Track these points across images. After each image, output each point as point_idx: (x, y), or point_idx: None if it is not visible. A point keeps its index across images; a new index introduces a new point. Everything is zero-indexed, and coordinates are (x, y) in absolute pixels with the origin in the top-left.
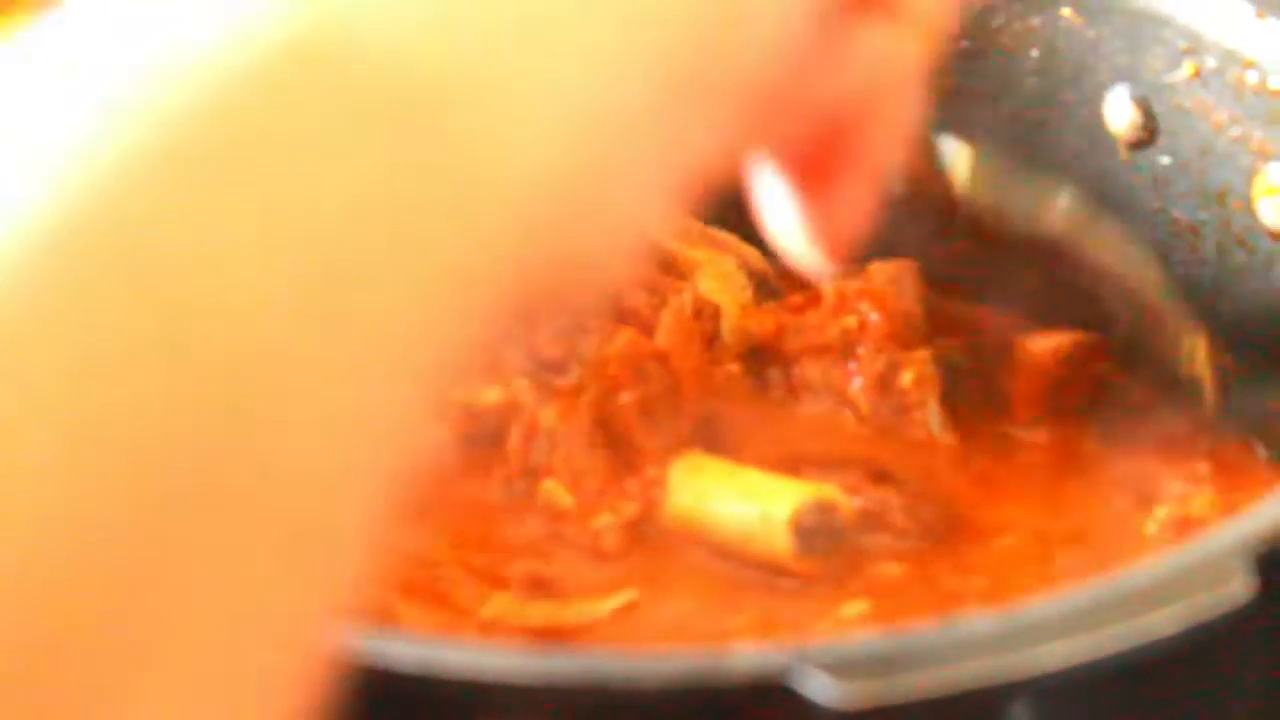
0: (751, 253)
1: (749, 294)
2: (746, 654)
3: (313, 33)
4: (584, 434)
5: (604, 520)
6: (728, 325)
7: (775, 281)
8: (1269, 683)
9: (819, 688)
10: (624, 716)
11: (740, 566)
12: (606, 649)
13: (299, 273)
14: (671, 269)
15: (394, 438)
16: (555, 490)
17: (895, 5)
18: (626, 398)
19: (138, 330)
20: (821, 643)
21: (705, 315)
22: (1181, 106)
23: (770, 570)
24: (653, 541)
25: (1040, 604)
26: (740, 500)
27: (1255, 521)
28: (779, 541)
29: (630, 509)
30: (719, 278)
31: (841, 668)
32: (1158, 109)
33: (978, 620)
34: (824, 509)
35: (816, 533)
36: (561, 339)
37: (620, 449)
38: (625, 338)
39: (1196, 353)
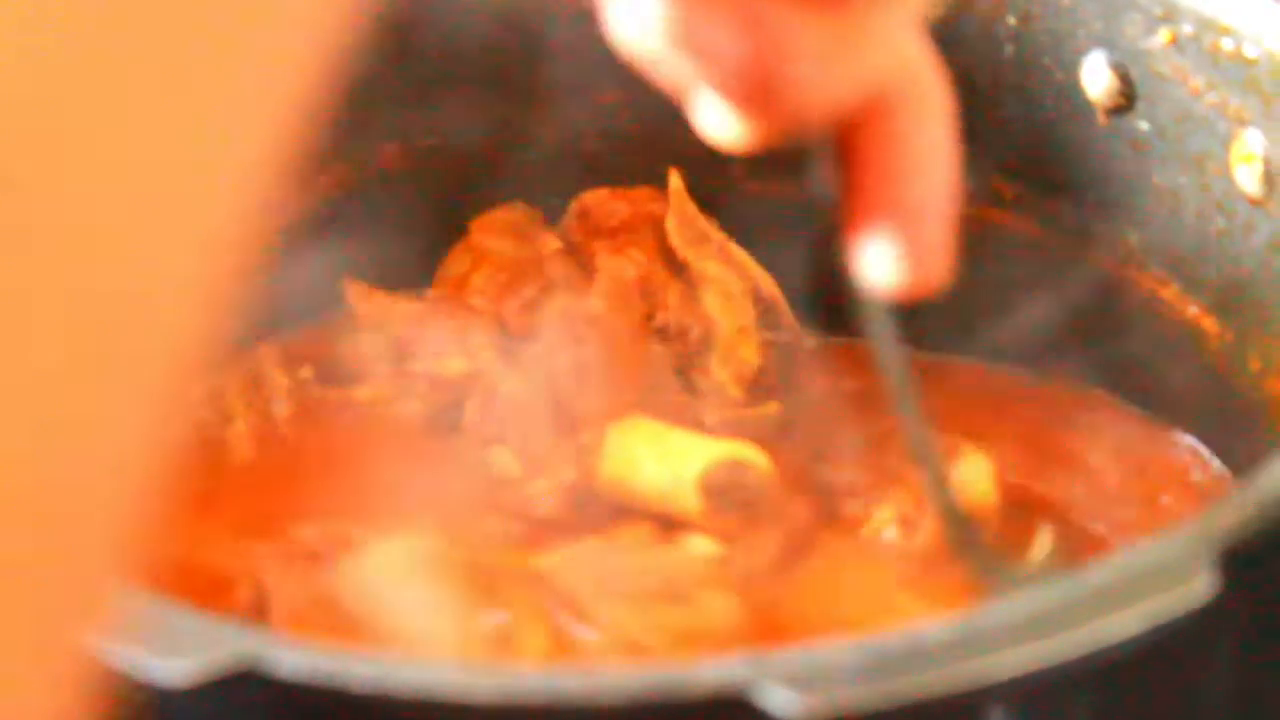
0: (765, 279)
1: (751, 319)
2: (705, 667)
3: None
4: (540, 401)
5: (539, 485)
6: (718, 349)
7: (781, 308)
8: (1240, 683)
9: (779, 701)
10: None
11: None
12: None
13: None
14: (681, 274)
15: None
16: (504, 457)
17: None
18: (562, 360)
19: None
20: (782, 654)
21: (692, 336)
22: (1159, 73)
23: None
24: (590, 507)
25: (1000, 609)
26: (657, 462)
27: (1217, 517)
28: (689, 501)
29: (568, 474)
30: (723, 297)
31: (801, 680)
32: (1135, 75)
33: (938, 628)
34: (735, 467)
35: (727, 492)
36: (529, 308)
37: (561, 414)
38: (560, 300)
39: None
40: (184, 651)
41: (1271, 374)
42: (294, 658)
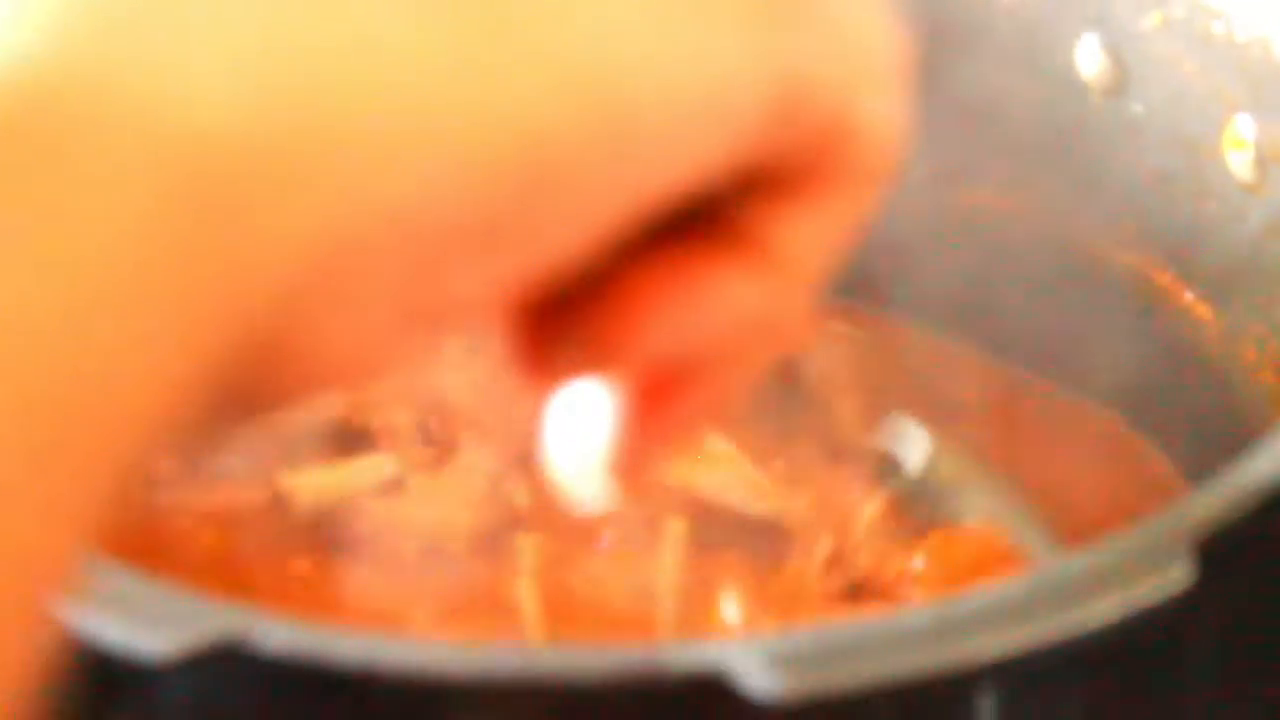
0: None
1: None
2: (684, 648)
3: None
4: None
5: None
6: None
7: None
8: (1219, 670)
9: (757, 682)
10: (560, 711)
11: None
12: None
13: None
14: None
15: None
16: None
17: (766, 249)
18: None
19: None
20: (761, 636)
21: None
22: (1151, 55)
23: None
24: None
25: (979, 595)
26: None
27: (1196, 507)
28: None
29: None
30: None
31: (779, 660)
32: (1128, 57)
33: (918, 613)
34: None
35: None
36: None
37: None
38: None
39: None
40: (166, 628)
41: (1266, 366)
42: (280, 634)
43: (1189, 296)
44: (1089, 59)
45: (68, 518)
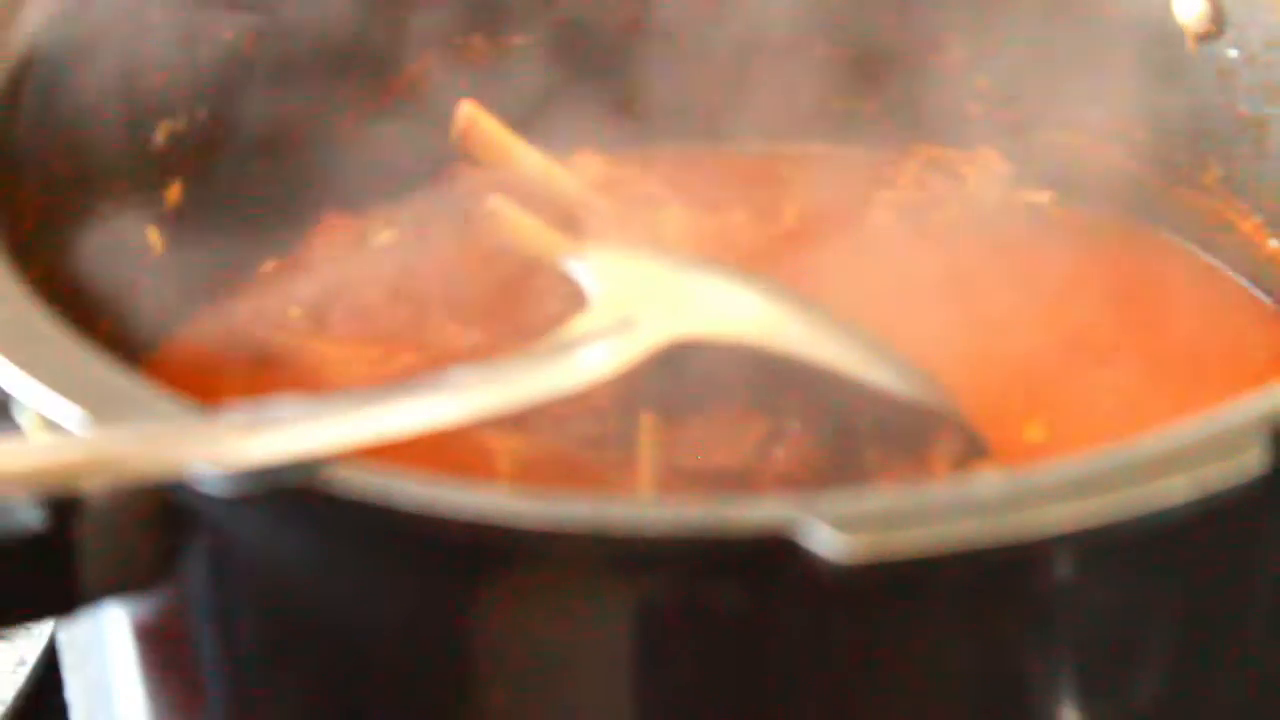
0: None
1: None
2: (752, 506)
3: None
4: None
5: None
6: None
7: None
8: None
9: (825, 541)
10: (627, 563)
11: None
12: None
13: None
14: None
15: None
16: None
17: None
18: None
19: None
20: (831, 496)
21: None
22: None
23: None
24: None
25: (1051, 468)
26: None
27: (1276, 396)
28: None
29: None
30: None
31: (847, 522)
32: (1226, 1)
33: (988, 481)
34: None
35: None
36: None
37: None
38: None
39: None
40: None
41: None
42: (346, 476)
43: (1274, 245)
44: (1187, 3)
45: None
